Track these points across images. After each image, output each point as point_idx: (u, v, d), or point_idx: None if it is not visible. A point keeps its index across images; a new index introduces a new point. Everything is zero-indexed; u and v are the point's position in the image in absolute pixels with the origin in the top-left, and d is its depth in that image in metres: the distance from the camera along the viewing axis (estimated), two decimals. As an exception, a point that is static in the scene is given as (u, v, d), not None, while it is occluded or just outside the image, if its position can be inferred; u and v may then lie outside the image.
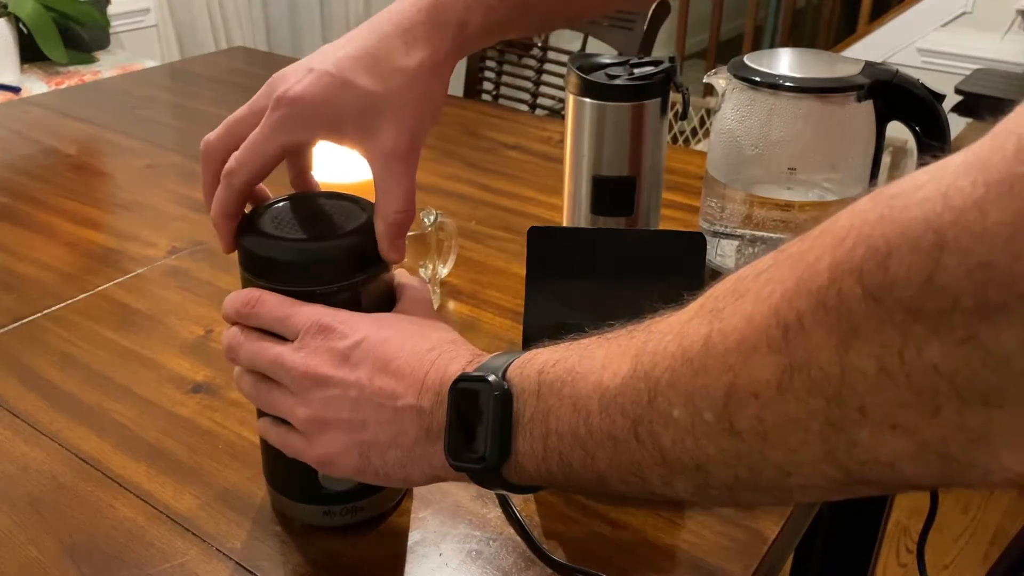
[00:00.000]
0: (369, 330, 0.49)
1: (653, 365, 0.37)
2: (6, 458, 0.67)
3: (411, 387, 0.47)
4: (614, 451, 0.40)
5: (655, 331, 0.39)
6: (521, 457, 0.44)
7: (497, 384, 0.44)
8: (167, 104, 1.51)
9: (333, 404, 0.49)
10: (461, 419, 0.46)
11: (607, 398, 0.39)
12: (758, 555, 0.58)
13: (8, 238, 1.01)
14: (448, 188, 1.13)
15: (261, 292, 0.53)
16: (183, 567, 0.57)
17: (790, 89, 0.76)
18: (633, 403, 0.38)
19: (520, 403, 0.43)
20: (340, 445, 0.49)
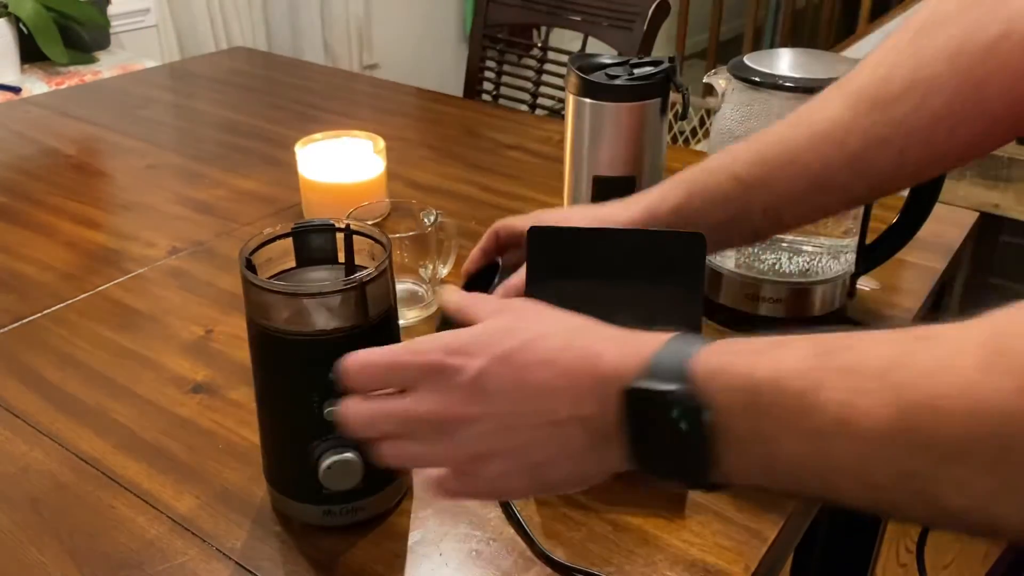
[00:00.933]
0: (485, 349, 0.46)
1: (934, 425, 0.34)
2: (6, 458, 0.67)
3: (562, 398, 0.44)
4: (869, 490, 0.37)
5: (916, 369, 0.35)
6: (734, 469, 0.41)
7: (687, 397, 0.40)
8: (167, 104, 1.51)
9: (486, 439, 0.46)
10: (644, 432, 0.42)
11: (865, 446, 0.36)
12: (758, 555, 0.58)
13: (8, 238, 1.01)
14: (448, 188, 1.13)
15: (359, 354, 0.49)
16: (183, 567, 0.57)
17: (790, 89, 0.76)
18: (906, 457, 0.35)
19: (726, 418, 0.40)
20: (507, 474, 0.46)
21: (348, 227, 0.59)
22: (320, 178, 0.98)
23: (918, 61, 0.57)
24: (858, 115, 0.58)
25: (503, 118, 1.41)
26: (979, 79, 0.55)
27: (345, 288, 0.54)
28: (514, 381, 0.45)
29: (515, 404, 0.45)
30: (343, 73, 1.76)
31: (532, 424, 0.45)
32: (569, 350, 0.45)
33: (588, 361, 0.44)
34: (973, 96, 0.55)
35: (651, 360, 0.42)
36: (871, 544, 1.16)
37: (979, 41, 0.55)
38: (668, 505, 0.62)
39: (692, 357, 0.41)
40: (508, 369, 0.45)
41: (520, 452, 0.46)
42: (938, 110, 0.56)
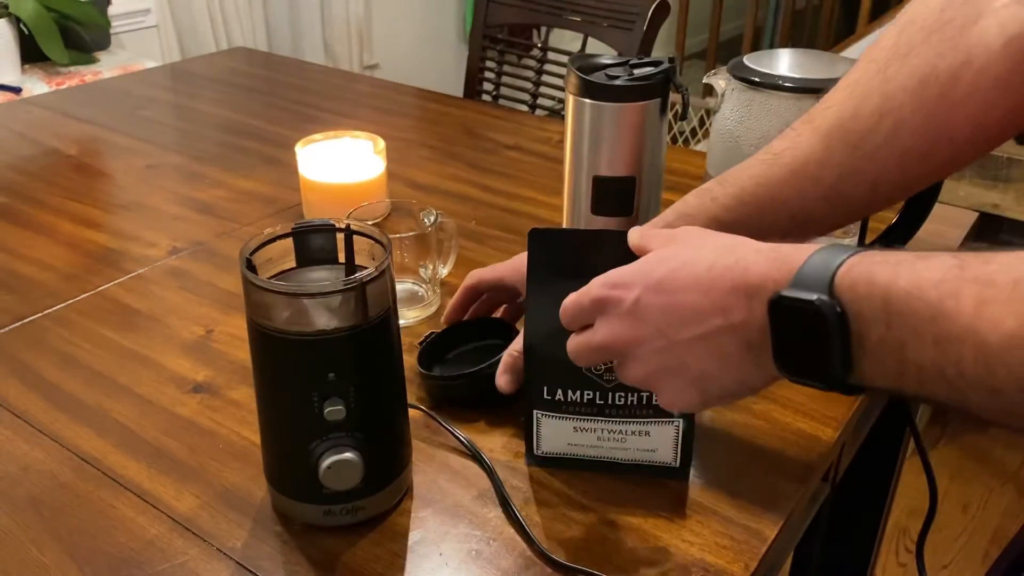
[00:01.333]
0: (640, 279, 0.51)
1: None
2: (7, 458, 0.67)
3: (713, 312, 0.48)
4: (992, 397, 0.39)
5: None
6: (867, 374, 0.44)
7: (829, 306, 0.43)
8: (168, 104, 1.51)
9: (652, 359, 0.51)
10: (790, 338, 0.45)
11: (987, 350, 0.38)
12: (758, 555, 0.58)
13: (9, 238, 1.01)
14: (448, 188, 1.13)
15: (567, 299, 0.56)
16: (183, 567, 0.57)
17: (790, 89, 0.76)
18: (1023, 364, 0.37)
19: (862, 325, 0.42)
20: (676, 391, 0.52)
21: (348, 227, 0.59)
22: (320, 178, 0.99)
23: (884, 94, 0.59)
24: (831, 151, 0.61)
25: (503, 118, 1.41)
26: (945, 110, 0.57)
27: (345, 288, 0.54)
28: (666, 305, 0.50)
29: (670, 325, 0.50)
30: (343, 73, 1.76)
31: (687, 340, 0.49)
32: (715, 268, 0.49)
33: (736, 274, 0.48)
34: (940, 126, 0.58)
35: (798, 271, 0.45)
36: (870, 544, 1.16)
37: (943, 72, 0.57)
38: (668, 505, 0.62)
39: (837, 268, 0.44)
40: (659, 295, 0.50)
41: (683, 368, 0.50)
42: (907, 142, 0.59)
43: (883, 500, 1.12)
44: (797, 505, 0.63)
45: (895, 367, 0.42)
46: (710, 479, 0.65)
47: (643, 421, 0.63)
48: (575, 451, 0.65)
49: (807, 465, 0.66)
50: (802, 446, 0.67)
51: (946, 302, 0.40)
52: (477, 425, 0.70)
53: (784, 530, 0.61)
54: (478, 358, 0.73)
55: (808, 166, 0.61)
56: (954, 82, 0.56)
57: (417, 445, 0.67)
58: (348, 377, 0.56)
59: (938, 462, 2.02)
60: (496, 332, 0.77)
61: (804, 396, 0.72)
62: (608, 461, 0.65)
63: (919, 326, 0.40)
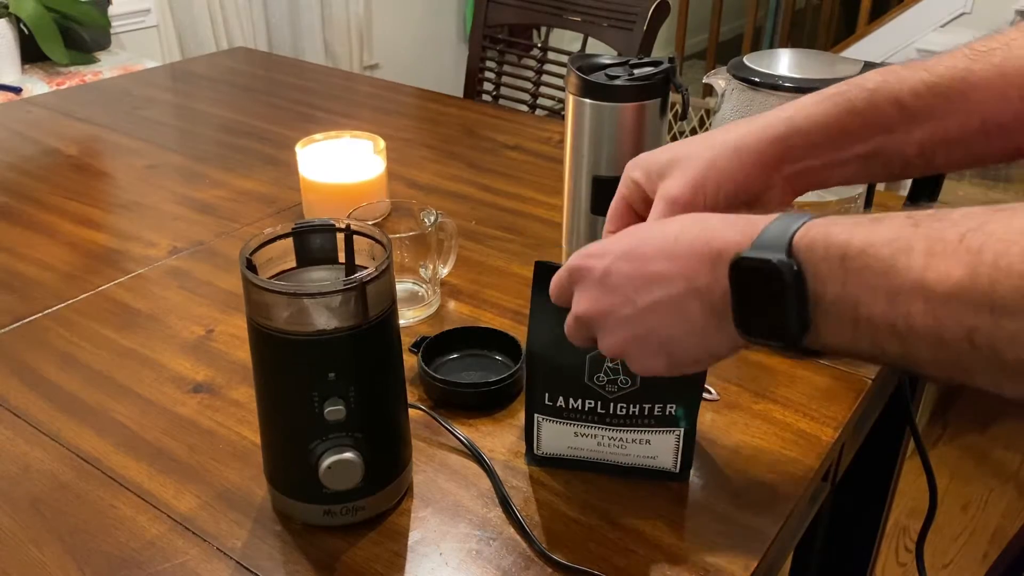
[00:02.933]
0: (611, 248, 0.52)
1: (994, 282, 0.37)
2: (7, 458, 0.67)
3: (678, 277, 0.49)
4: (940, 350, 0.40)
5: (991, 234, 0.38)
6: (823, 333, 0.44)
7: (787, 265, 0.43)
8: (168, 104, 1.51)
9: (619, 329, 0.52)
10: (749, 298, 0.46)
11: (935, 301, 0.39)
12: (758, 555, 0.58)
13: (9, 238, 1.01)
14: (448, 188, 1.13)
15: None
16: (184, 566, 0.57)
17: (789, 89, 0.76)
18: (970, 313, 0.38)
19: (819, 284, 0.43)
20: (645, 356, 0.52)
21: (348, 227, 0.59)
22: (320, 178, 0.99)
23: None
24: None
25: (503, 118, 1.41)
26: None
27: (345, 288, 0.54)
28: (633, 272, 0.51)
29: (636, 291, 0.50)
30: (343, 73, 1.76)
31: (653, 305, 0.50)
32: (684, 235, 0.49)
33: (702, 241, 0.48)
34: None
35: (758, 235, 0.46)
36: (870, 544, 1.16)
37: None
38: (668, 505, 0.62)
39: (796, 230, 0.44)
40: (628, 263, 0.51)
41: (651, 334, 0.51)
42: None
43: (883, 500, 1.12)
44: (797, 505, 0.63)
45: (850, 325, 0.43)
46: (710, 479, 0.65)
47: (645, 430, 0.63)
48: (575, 454, 0.65)
49: (807, 465, 0.66)
50: (802, 446, 0.67)
51: (898, 258, 0.40)
52: (477, 425, 0.70)
53: (784, 530, 0.61)
54: (478, 363, 0.73)
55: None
56: None
57: (417, 445, 0.67)
58: (348, 377, 0.56)
59: (938, 462, 2.02)
60: (496, 343, 0.78)
61: (804, 396, 0.73)
62: (608, 464, 0.65)
63: (873, 282, 0.41)
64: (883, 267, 0.41)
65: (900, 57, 3.10)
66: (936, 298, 0.39)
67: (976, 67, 0.56)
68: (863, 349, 0.43)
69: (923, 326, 0.40)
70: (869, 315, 0.42)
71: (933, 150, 0.58)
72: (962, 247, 0.39)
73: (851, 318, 0.43)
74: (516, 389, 0.73)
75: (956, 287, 0.38)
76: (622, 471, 0.65)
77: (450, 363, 0.77)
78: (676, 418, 0.62)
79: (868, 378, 0.75)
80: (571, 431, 0.64)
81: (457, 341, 0.78)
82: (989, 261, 0.37)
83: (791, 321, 0.44)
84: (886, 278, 0.41)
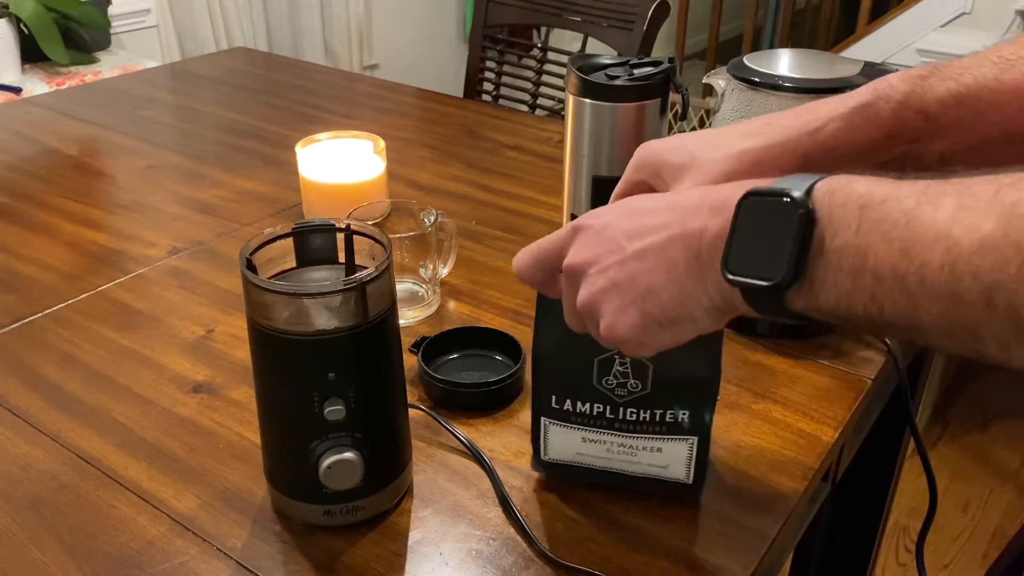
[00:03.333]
0: (615, 207, 0.51)
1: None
2: (7, 458, 0.67)
3: (674, 221, 0.47)
4: (951, 308, 0.38)
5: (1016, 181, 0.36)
6: (816, 285, 0.42)
7: (801, 201, 0.41)
8: (168, 104, 1.51)
9: (599, 276, 0.50)
10: (748, 231, 0.43)
11: (957, 254, 0.37)
12: (758, 554, 0.58)
13: (9, 238, 1.01)
14: (448, 188, 1.13)
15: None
16: (184, 566, 0.57)
17: (790, 89, 0.76)
18: (996, 268, 0.36)
19: (828, 229, 0.41)
20: (617, 310, 0.49)
21: (348, 227, 0.59)
22: (320, 178, 0.99)
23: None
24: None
25: (503, 118, 1.41)
26: None
27: (345, 288, 0.54)
28: (632, 224, 0.49)
29: (630, 239, 0.49)
30: (343, 73, 1.76)
31: (642, 250, 0.48)
32: (689, 192, 0.49)
33: (707, 193, 0.47)
34: None
35: (784, 178, 0.44)
36: (870, 544, 1.16)
37: None
38: (668, 505, 0.62)
39: (819, 178, 0.43)
40: (629, 218, 0.50)
41: (630, 283, 0.49)
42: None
43: (883, 500, 1.12)
44: (797, 505, 0.63)
45: (849, 277, 0.41)
46: (710, 479, 0.65)
47: (655, 437, 0.61)
48: (583, 460, 0.64)
49: (807, 465, 0.66)
50: (802, 446, 0.67)
51: (924, 208, 0.39)
52: (477, 425, 0.70)
53: (784, 530, 0.61)
54: (478, 363, 0.73)
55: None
56: None
57: (417, 445, 0.67)
58: (348, 377, 0.56)
59: (938, 462, 2.02)
60: (496, 343, 0.78)
61: (804, 396, 0.73)
62: (617, 473, 0.63)
63: (890, 232, 0.39)
64: (905, 217, 0.39)
65: (900, 57, 3.10)
66: (959, 251, 0.37)
67: (1005, 76, 0.54)
68: (856, 308, 0.41)
69: (938, 281, 0.38)
70: (877, 267, 0.39)
71: (953, 158, 0.57)
72: (996, 200, 0.36)
73: (854, 269, 0.40)
74: (516, 389, 0.73)
75: (984, 240, 0.36)
76: (633, 482, 0.63)
77: (450, 363, 0.77)
78: (688, 425, 0.60)
79: (868, 378, 0.75)
80: (579, 436, 0.62)
81: (457, 341, 0.78)
82: (1022, 213, 0.35)
83: (785, 260, 0.42)
84: (906, 229, 0.39)
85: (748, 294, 0.44)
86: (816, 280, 0.42)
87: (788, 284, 0.42)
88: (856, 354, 0.78)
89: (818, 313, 0.43)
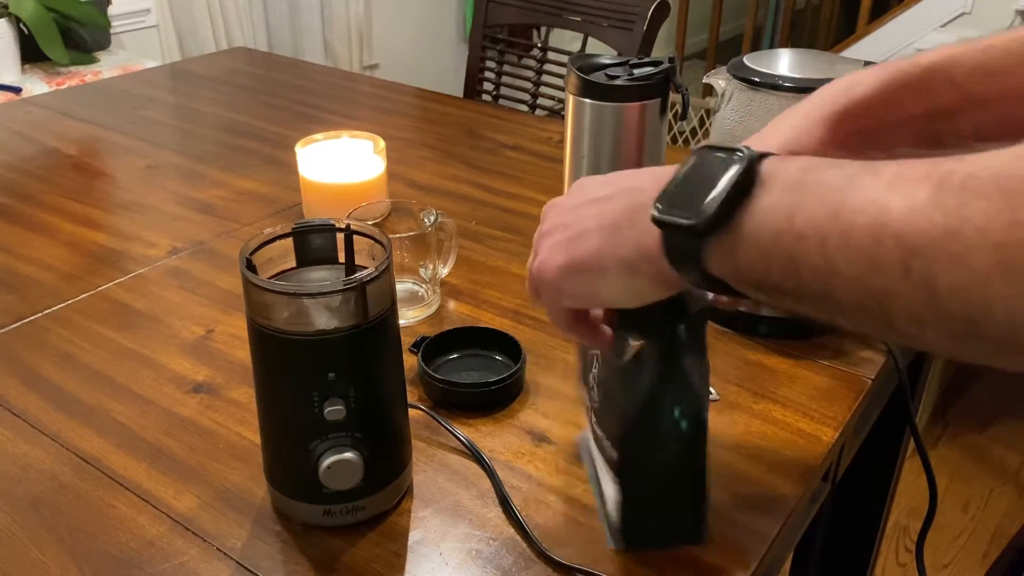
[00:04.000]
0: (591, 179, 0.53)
1: (961, 204, 0.34)
2: (7, 458, 0.67)
3: (639, 181, 0.48)
4: (868, 274, 0.37)
5: (964, 160, 0.36)
6: (738, 240, 0.42)
7: (748, 156, 0.42)
8: (167, 104, 1.51)
9: (557, 218, 0.52)
10: (687, 178, 0.44)
11: (884, 221, 0.36)
12: (758, 555, 0.58)
13: (9, 238, 1.01)
14: (448, 188, 1.13)
15: None
16: (183, 566, 0.57)
17: (790, 89, 0.76)
18: (919, 234, 0.35)
19: (764, 188, 0.41)
20: (550, 248, 0.51)
21: (348, 227, 0.59)
22: (320, 178, 0.99)
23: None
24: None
25: (503, 118, 1.41)
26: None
27: (345, 288, 0.54)
28: (605, 180, 0.51)
29: (596, 190, 0.51)
30: (343, 73, 1.76)
31: (592, 200, 0.50)
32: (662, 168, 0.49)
33: (672, 169, 0.47)
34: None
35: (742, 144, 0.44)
36: (870, 544, 1.16)
37: None
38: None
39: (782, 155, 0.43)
40: (604, 178, 0.51)
41: (572, 225, 0.50)
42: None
43: (883, 500, 1.12)
44: (797, 505, 0.63)
45: (771, 235, 0.40)
46: (710, 479, 0.65)
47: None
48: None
49: (807, 465, 0.66)
50: (802, 446, 0.67)
51: (864, 175, 0.38)
52: (477, 425, 0.70)
53: (784, 530, 0.61)
54: (478, 363, 0.73)
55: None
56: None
57: (417, 445, 0.67)
58: (348, 377, 0.56)
59: (938, 462, 2.02)
60: (496, 343, 0.78)
61: (804, 396, 0.73)
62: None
63: (825, 194, 0.39)
64: (844, 182, 0.39)
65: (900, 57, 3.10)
66: (888, 215, 0.36)
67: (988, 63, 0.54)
68: (773, 273, 0.41)
69: (860, 245, 0.37)
70: (802, 226, 0.39)
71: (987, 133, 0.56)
72: (934, 170, 0.36)
73: (778, 228, 0.40)
74: (516, 389, 0.73)
75: (914, 206, 0.36)
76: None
77: (450, 363, 0.77)
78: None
79: (868, 378, 0.75)
80: None
81: (457, 341, 0.78)
82: (957, 183, 0.35)
83: (714, 203, 0.42)
84: (841, 192, 0.38)
85: (668, 239, 0.44)
86: (739, 236, 0.42)
87: (710, 228, 0.42)
88: (856, 354, 0.78)
89: (733, 278, 0.43)
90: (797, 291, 0.41)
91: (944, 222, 0.35)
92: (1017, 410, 2.22)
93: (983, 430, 2.15)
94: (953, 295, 0.35)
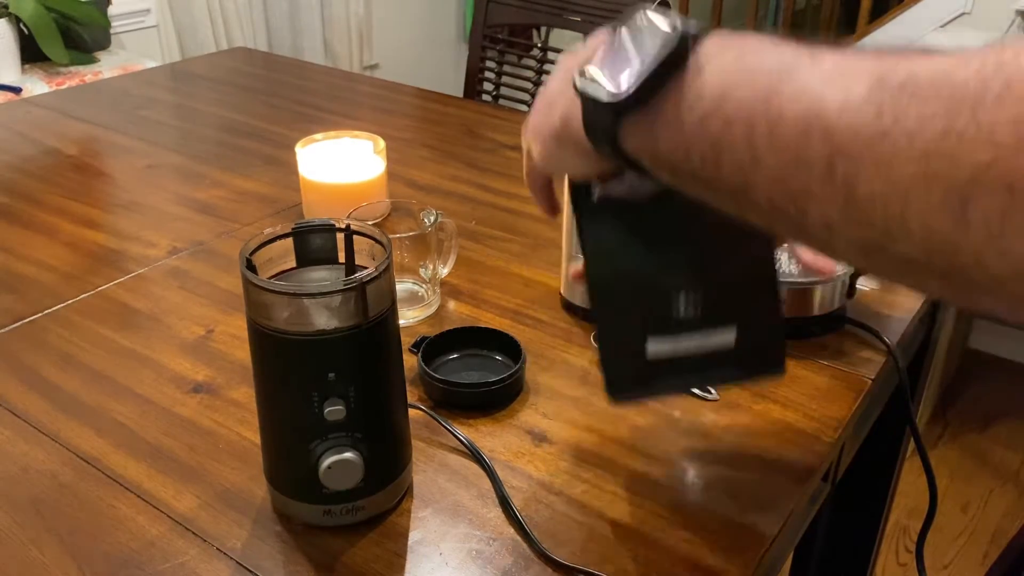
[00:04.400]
0: None
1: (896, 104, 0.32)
2: (7, 458, 0.67)
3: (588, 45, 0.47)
4: (789, 169, 0.35)
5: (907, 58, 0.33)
6: (658, 120, 0.39)
7: (684, 32, 0.39)
8: (167, 104, 1.51)
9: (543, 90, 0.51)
10: (618, 49, 0.41)
11: (816, 111, 0.34)
12: (758, 555, 0.58)
13: (9, 238, 1.01)
14: (448, 188, 1.13)
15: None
16: (183, 567, 0.57)
17: (790, 89, 0.76)
18: (848, 131, 0.33)
19: (697, 70, 0.38)
20: (534, 111, 0.51)
21: (348, 227, 0.59)
22: (320, 178, 0.99)
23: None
24: None
25: (503, 118, 1.41)
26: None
27: (345, 288, 0.54)
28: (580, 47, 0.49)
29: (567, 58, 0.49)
30: (343, 73, 1.76)
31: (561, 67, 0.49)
32: None
33: None
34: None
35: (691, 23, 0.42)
36: (870, 544, 1.16)
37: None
38: (668, 504, 0.62)
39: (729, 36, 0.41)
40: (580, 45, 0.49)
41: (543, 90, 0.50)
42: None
43: (883, 500, 1.12)
44: (797, 505, 0.63)
45: (696, 119, 0.38)
46: (710, 479, 0.65)
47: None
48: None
49: (807, 465, 0.66)
50: (802, 446, 0.67)
51: (803, 60, 0.36)
52: (477, 425, 0.70)
53: (784, 530, 0.61)
54: (478, 363, 0.73)
55: None
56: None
57: (417, 445, 0.67)
58: (348, 377, 0.56)
59: (938, 462, 2.02)
60: (496, 343, 0.78)
61: (804, 396, 0.73)
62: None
63: (758, 78, 0.36)
64: (782, 65, 0.36)
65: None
66: (820, 108, 0.34)
67: None
68: (692, 158, 0.39)
69: (788, 137, 0.35)
70: (731, 111, 0.37)
71: None
72: (876, 64, 0.34)
73: (703, 112, 0.38)
74: (516, 389, 0.73)
75: (848, 102, 0.33)
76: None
77: (450, 363, 0.77)
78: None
79: (868, 378, 0.75)
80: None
81: (457, 341, 0.78)
82: (897, 82, 0.32)
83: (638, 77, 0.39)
84: (776, 77, 0.36)
85: (586, 111, 0.43)
86: (660, 117, 0.39)
87: (627, 105, 0.40)
88: (856, 354, 0.78)
89: (650, 159, 0.41)
90: (714, 181, 0.39)
91: (876, 122, 0.32)
92: (1017, 410, 2.22)
93: (983, 430, 2.15)
94: (871, 203, 0.33)
